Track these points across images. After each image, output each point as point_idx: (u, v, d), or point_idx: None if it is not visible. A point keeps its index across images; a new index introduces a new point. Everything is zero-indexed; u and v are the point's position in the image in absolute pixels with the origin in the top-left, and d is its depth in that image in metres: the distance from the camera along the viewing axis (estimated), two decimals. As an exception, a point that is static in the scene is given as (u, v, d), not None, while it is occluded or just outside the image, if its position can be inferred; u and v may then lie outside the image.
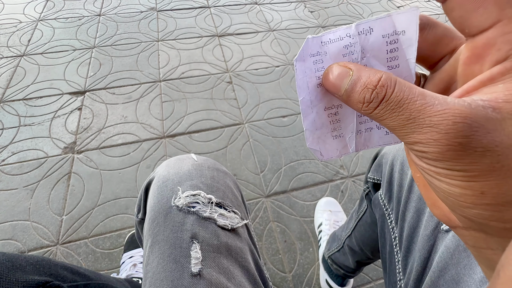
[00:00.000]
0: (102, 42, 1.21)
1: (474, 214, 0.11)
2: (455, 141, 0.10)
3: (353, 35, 0.13)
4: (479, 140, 0.10)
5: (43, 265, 0.28)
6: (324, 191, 0.84)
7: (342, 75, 0.13)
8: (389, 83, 0.12)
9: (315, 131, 0.16)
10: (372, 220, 0.46)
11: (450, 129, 0.10)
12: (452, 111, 0.10)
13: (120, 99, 1.01)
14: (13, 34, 1.21)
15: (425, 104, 0.11)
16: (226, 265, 0.29)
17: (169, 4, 1.42)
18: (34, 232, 0.72)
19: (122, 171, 0.84)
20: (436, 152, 0.11)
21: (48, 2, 1.38)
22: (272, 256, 0.72)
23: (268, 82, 1.11)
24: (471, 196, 0.11)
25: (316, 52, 0.14)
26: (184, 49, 1.20)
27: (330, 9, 1.48)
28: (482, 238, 0.12)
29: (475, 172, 0.10)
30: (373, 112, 0.12)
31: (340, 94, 0.13)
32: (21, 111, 0.96)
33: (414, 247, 0.31)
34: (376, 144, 0.16)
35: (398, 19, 0.13)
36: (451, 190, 0.11)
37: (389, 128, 0.12)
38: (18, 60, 1.11)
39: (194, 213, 0.30)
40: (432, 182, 0.12)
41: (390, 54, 0.14)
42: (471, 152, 0.10)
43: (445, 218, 0.14)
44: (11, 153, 0.86)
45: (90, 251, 0.70)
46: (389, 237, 0.37)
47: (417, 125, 0.11)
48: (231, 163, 0.88)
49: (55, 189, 0.79)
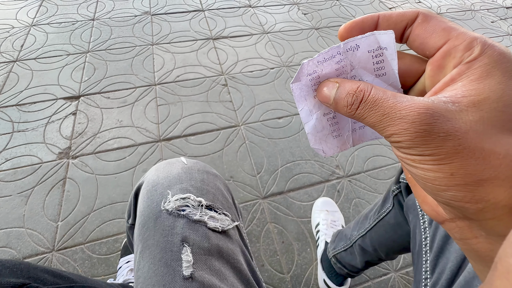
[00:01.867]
0: (96, 46, 1.20)
1: (450, 196, 0.12)
2: (421, 128, 0.12)
3: (342, 52, 0.16)
4: (441, 126, 0.12)
5: (20, 268, 0.28)
6: (320, 191, 0.84)
7: (331, 88, 0.16)
8: (366, 88, 0.14)
9: (316, 134, 0.18)
10: (396, 221, 0.46)
11: (416, 119, 0.12)
12: (417, 105, 0.12)
13: (115, 103, 1.01)
14: (5, 39, 1.20)
15: (395, 102, 0.13)
16: (218, 266, 0.29)
17: (163, 8, 1.42)
18: (29, 239, 0.71)
19: (118, 175, 0.84)
20: (407, 139, 0.12)
21: (41, 7, 1.37)
22: (270, 257, 0.72)
23: (263, 84, 1.11)
24: (443, 178, 0.12)
25: (313, 71, 0.17)
26: (179, 53, 1.20)
27: (323, 11, 1.50)
28: (466, 226, 0.14)
29: (441, 155, 0.12)
30: (356, 112, 0.15)
31: (330, 103, 0.16)
32: (14, 117, 0.95)
33: (449, 248, 0.32)
34: (368, 138, 0.19)
35: (380, 37, 0.16)
36: (426, 175, 0.13)
37: (370, 125, 0.14)
38: (11, 65, 1.10)
39: (184, 216, 0.30)
40: (411, 172, 0.14)
41: (376, 65, 0.16)
42: (435, 137, 0.12)
43: (434, 213, 0.16)
44: (4, 159, 0.85)
45: (87, 257, 0.70)
46: (419, 237, 0.37)
47: (390, 119, 0.13)
48: (227, 165, 0.88)
49: (50, 195, 0.79)
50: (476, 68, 0.13)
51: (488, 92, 0.12)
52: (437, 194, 0.13)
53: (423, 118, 0.12)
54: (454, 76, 0.13)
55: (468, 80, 0.13)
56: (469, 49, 0.13)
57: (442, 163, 0.12)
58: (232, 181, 0.85)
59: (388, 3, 1.61)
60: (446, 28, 0.14)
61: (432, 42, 0.15)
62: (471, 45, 0.13)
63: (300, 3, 1.54)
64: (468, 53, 0.13)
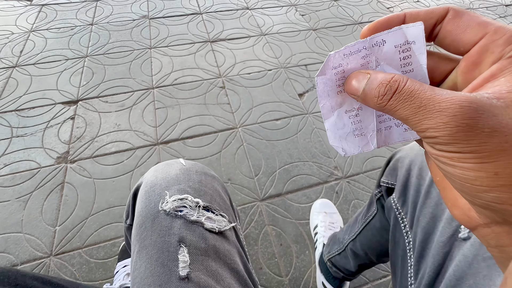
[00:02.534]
0: (95, 51, 1.21)
1: (492, 198, 0.11)
2: (463, 122, 0.11)
3: (368, 47, 0.15)
4: (486, 121, 0.11)
5: (8, 275, 0.28)
6: (319, 193, 0.84)
7: (361, 78, 0.15)
8: (401, 79, 0.13)
9: (336, 131, 0.18)
10: (382, 225, 0.46)
11: (458, 112, 0.11)
12: (459, 98, 0.11)
13: (113, 107, 1.01)
14: (5, 45, 1.21)
15: (434, 94, 0.12)
16: (215, 267, 0.29)
17: (161, 11, 1.43)
18: (27, 244, 0.71)
19: (116, 179, 0.84)
20: (446, 135, 0.11)
21: (41, 13, 1.39)
22: (268, 260, 0.72)
23: (261, 86, 1.11)
24: (486, 178, 0.11)
25: (338, 64, 0.16)
26: (176, 56, 1.21)
27: (321, 12, 1.50)
28: (504, 232, 0.12)
29: (485, 152, 0.11)
30: (387, 104, 0.13)
31: (358, 95, 0.15)
32: (13, 122, 0.95)
33: (428, 253, 0.31)
34: (395, 140, 0.17)
35: (408, 31, 0.15)
36: (466, 174, 0.12)
37: (402, 118, 0.13)
38: (10, 71, 1.11)
39: (182, 217, 0.30)
40: (447, 171, 0.13)
41: (403, 61, 0.15)
42: (479, 133, 0.11)
43: (466, 218, 0.14)
44: (3, 164, 0.85)
45: (84, 262, 0.70)
46: (402, 242, 0.36)
47: (427, 111, 0.12)
48: (225, 167, 0.88)
49: (48, 200, 0.79)
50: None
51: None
52: (476, 196, 0.12)
53: (467, 112, 0.11)
54: (494, 72, 0.13)
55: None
56: (510, 43, 0.12)
57: (485, 161, 0.11)
58: (230, 184, 0.85)
59: (386, 3, 1.60)
60: (482, 23, 0.13)
61: (467, 38, 0.14)
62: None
63: (297, 4, 1.55)
64: (510, 48, 0.12)
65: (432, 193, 0.33)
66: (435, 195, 0.32)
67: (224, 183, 0.82)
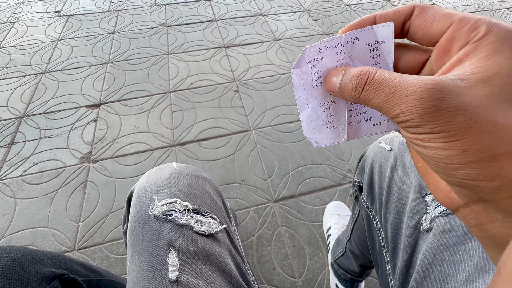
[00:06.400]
0: (116, 57, 1.27)
1: (464, 175, 0.12)
2: (429, 104, 0.12)
3: (343, 44, 0.16)
4: (450, 101, 0.11)
5: (59, 259, 0.30)
6: (332, 195, 0.83)
7: (337, 75, 0.16)
8: (371, 70, 0.14)
9: (310, 123, 0.18)
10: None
11: (424, 94, 0.12)
12: (424, 81, 0.12)
13: (132, 110, 1.06)
14: (35, 53, 1.30)
15: (402, 80, 0.13)
16: (205, 270, 0.29)
17: (178, 19, 1.49)
18: (52, 238, 0.76)
19: (135, 178, 0.87)
20: (416, 117, 0.12)
21: (67, 23, 1.48)
22: (281, 261, 0.72)
23: (274, 89, 1.13)
24: (456, 156, 0.12)
25: (314, 58, 0.17)
26: (192, 61, 1.25)
27: (334, 17, 1.51)
28: (481, 210, 0.13)
29: (452, 130, 0.11)
30: (361, 95, 0.14)
31: (336, 91, 0.16)
32: (41, 124, 1.02)
33: (399, 248, 0.31)
34: (364, 133, 0.18)
35: (379, 31, 0.16)
36: (438, 154, 0.12)
37: (376, 107, 0.14)
38: (39, 77, 1.19)
39: (171, 221, 0.31)
40: (422, 153, 0.13)
41: (373, 59, 0.17)
42: (444, 112, 0.11)
43: (448, 200, 0.15)
44: (32, 163, 0.91)
45: (105, 257, 0.73)
46: (377, 239, 0.36)
47: (397, 97, 0.13)
48: (239, 169, 0.90)
49: (72, 197, 0.83)
50: (483, 47, 0.12)
51: (498, 68, 0.12)
52: (449, 174, 0.12)
53: (431, 94, 0.12)
54: (461, 57, 0.13)
55: (476, 59, 0.12)
56: (474, 29, 0.13)
57: (453, 139, 0.11)
58: (244, 185, 0.86)
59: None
60: (446, 14, 0.14)
61: (435, 29, 0.15)
62: (476, 26, 0.13)
63: (310, 10, 1.56)
64: (474, 34, 0.13)
65: (393, 189, 0.33)
66: (395, 190, 0.32)
67: (238, 183, 0.84)
